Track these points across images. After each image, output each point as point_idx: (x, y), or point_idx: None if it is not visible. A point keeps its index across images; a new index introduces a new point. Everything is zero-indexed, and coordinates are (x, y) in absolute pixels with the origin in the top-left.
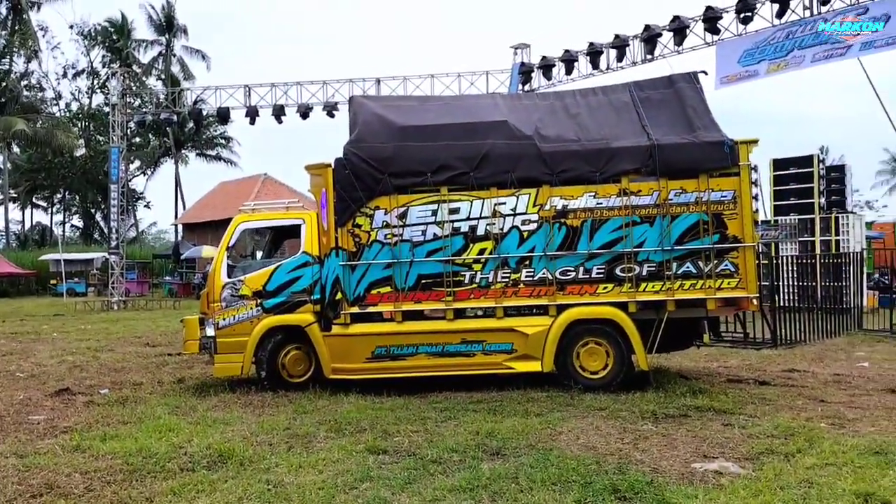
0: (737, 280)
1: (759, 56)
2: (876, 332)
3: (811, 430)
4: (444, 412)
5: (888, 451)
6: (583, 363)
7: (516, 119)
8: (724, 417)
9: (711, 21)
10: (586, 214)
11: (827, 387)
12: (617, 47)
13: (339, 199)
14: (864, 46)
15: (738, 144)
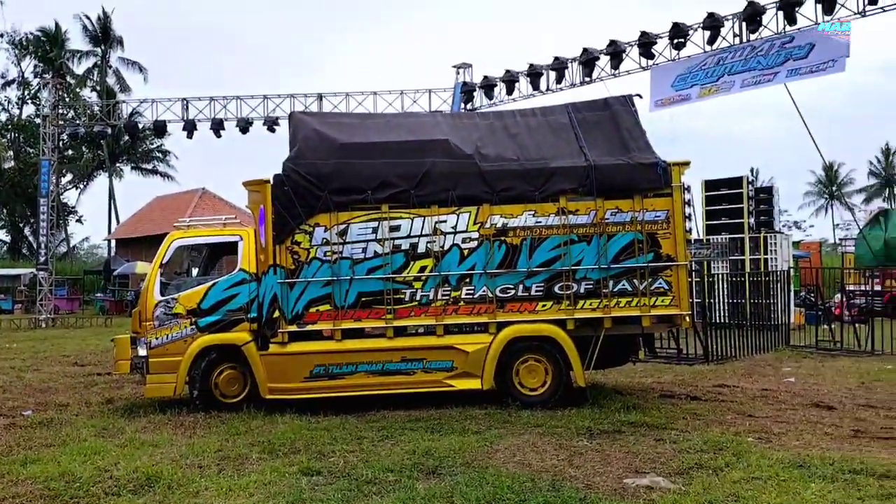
0: (670, 298)
1: (691, 80)
2: (802, 347)
3: (739, 444)
4: (382, 431)
5: (811, 465)
6: (522, 380)
7: (457, 138)
8: (657, 432)
9: (646, 46)
10: (526, 233)
11: (755, 402)
12: (556, 69)
13: (277, 215)
14: (790, 73)
15: (670, 166)
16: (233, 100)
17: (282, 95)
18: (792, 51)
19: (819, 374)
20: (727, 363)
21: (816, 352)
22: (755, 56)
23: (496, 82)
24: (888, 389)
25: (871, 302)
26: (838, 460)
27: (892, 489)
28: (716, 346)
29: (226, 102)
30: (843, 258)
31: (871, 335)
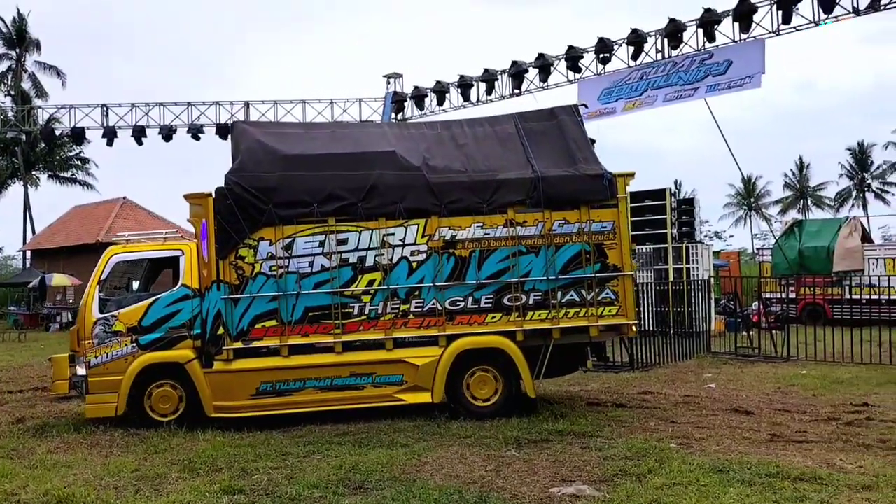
0: (617, 307)
1: (616, 94)
2: (722, 354)
3: (662, 450)
4: (308, 447)
5: (730, 469)
6: (473, 392)
7: (404, 149)
8: (583, 440)
9: (573, 60)
10: (474, 245)
11: (678, 408)
12: (486, 81)
13: (220, 230)
14: (709, 89)
15: (616, 177)
16: (155, 106)
17: (206, 102)
18: (711, 67)
19: (738, 380)
20: (652, 370)
21: (736, 358)
22: (677, 71)
23: (427, 93)
24: (802, 394)
25: (786, 309)
26: (756, 464)
27: (805, 491)
28: (641, 353)
29: (148, 109)
30: (760, 267)
31: (787, 341)
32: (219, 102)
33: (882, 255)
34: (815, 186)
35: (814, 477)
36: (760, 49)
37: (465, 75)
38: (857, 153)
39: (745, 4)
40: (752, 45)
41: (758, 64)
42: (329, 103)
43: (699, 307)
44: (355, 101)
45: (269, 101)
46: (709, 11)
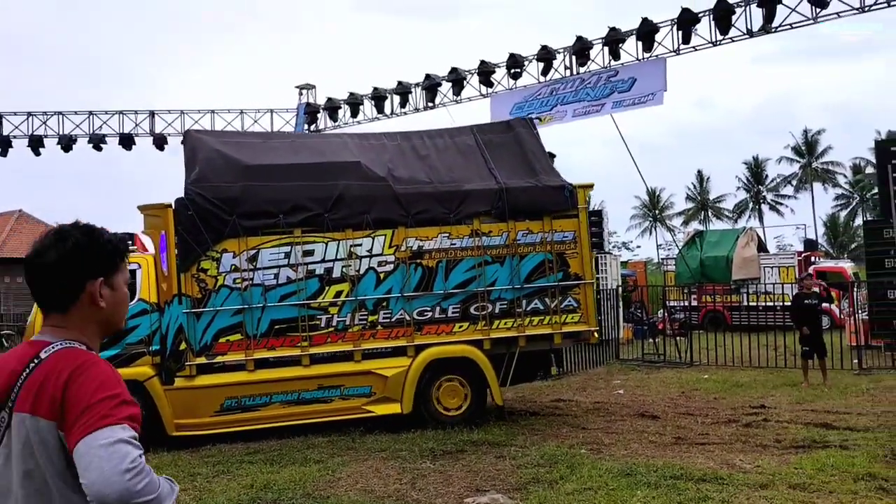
0: (579, 314)
1: (527, 109)
2: (630, 361)
3: (573, 456)
4: (217, 466)
5: (637, 473)
6: (441, 401)
7: (368, 159)
8: (497, 450)
9: (486, 74)
10: (441, 255)
11: (588, 414)
12: (400, 93)
13: (181, 242)
14: (615, 105)
15: (576, 189)
16: (53, 115)
17: (109, 112)
18: (616, 84)
19: (645, 386)
20: (563, 378)
21: (643, 364)
22: (584, 88)
23: (340, 104)
24: (704, 397)
25: (689, 316)
26: (661, 467)
27: (707, 491)
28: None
29: (46, 118)
30: (664, 276)
31: (690, 348)
32: (122, 112)
33: (776, 264)
34: (715, 199)
35: (715, 477)
36: (662, 67)
37: (378, 87)
38: (753, 167)
39: (648, 25)
40: (655, 64)
41: (660, 81)
42: (239, 113)
43: (608, 316)
44: (266, 111)
45: (175, 111)
46: (613, 30)
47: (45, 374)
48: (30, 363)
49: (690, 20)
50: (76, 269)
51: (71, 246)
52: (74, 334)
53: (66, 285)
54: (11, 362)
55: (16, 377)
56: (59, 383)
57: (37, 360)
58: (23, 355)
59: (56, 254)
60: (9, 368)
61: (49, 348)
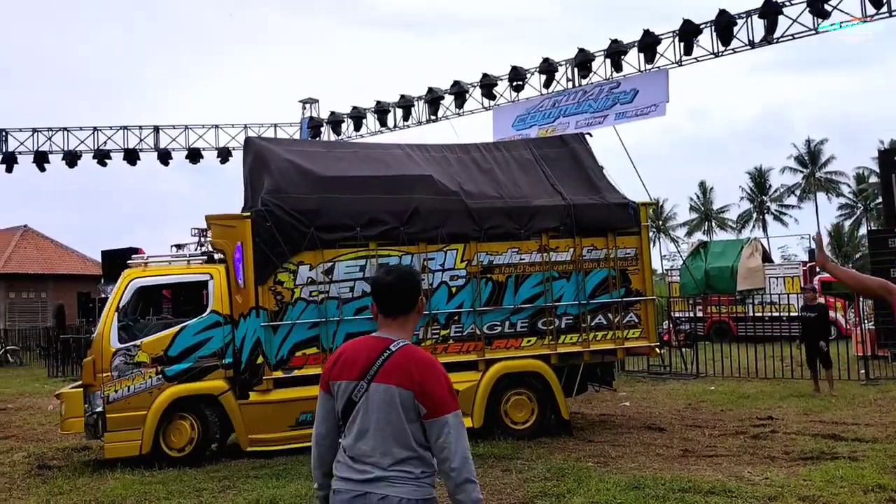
0: (640, 330)
1: (530, 121)
2: (636, 373)
3: (580, 469)
4: (223, 481)
5: (645, 486)
6: (510, 415)
7: (436, 172)
8: (504, 463)
9: (488, 87)
10: (510, 270)
11: (594, 427)
12: (403, 107)
13: (259, 253)
14: (618, 116)
15: (639, 206)
16: (59, 131)
17: (113, 127)
18: (619, 95)
19: (651, 398)
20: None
21: (648, 376)
22: (587, 99)
23: (344, 118)
24: (711, 409)
25: (694, 327)
26: (669, 480)
27: None
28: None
29: (51, 134)
30: (669, 287)
31: (696, 359)
32: (126, 127)
33: (781, 274)
34: (719, 209)
35: (724, 490)
36: (664, 79)
37: (381, 101)
38: (756, 177)
39: (650, 36)
40: (657, 75)
41: (662, 93)
42: (243, 128)
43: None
44: (270, 125)
45: (179, 126)
46: (615, 42)
47: (400, 360)
48: (384, 352)
49: (692, 31)
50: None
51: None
52: (406, 335)
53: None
54: (365, 350)
55: (372, 361)
56: (415, 369)
57: (388, 352)
58: (374, 346)
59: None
60: (364, 355)
61: (395, 344)
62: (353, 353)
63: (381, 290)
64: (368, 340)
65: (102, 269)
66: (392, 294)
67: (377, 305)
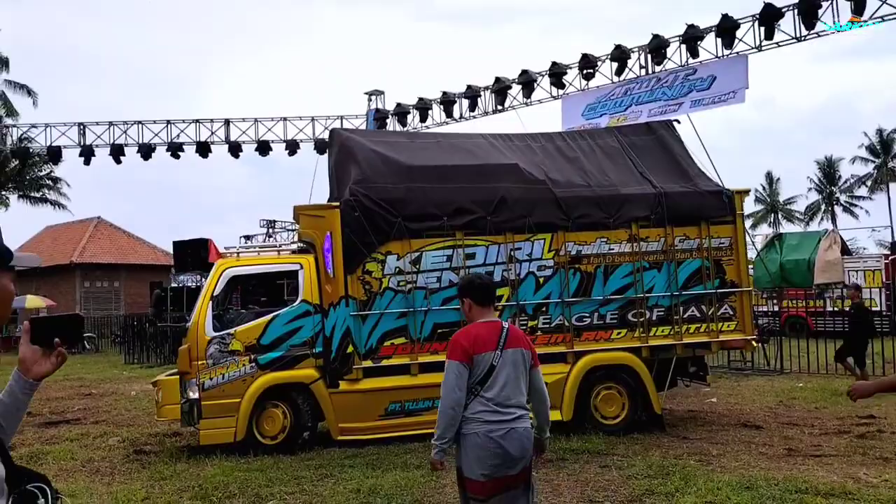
0: (735, 323)
1: (600, 110)
2: (715, 368)
3: (683, 467)
4: (320, 470)
5: (757, 486)
6: (599, 409)
7: (522, 161)
8: (600, 459)
9: (557, 76)
10: (599, 260)
11: (685, 423)
12: (469, 97)
13: (348, 243)
14: (693, 104)
15: (734, 194)
16: (134, 125)
17: (186, 121)
18: (695, 82)
19: (738, 394)
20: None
21: (729, 372)
22: (660, 87)
23: (409, 109)
24: (805, 407)
25: (772, 322)
26: (782, 480)
27: None
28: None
29: (126, 127)
30: None
31: (780, 354)
32: (198, 120)
33: (862, 267)
34: (786, 200)
35: (844, 492)
36: (744, 64)
37: (447, 92)
38: (826, 167)
39: (728, 20)
40: (736, 61)
41: (741, 79)
42: (311, 120)
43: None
44: (337, 118)
45: (249, 119)
46: (692, 27)
47: (515, 333)
48: (503, 329)
49: (773, 15)
50: None
51: None
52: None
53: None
54: (494, 330)
55: (498, 336)
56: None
57: (506, 327)
58: (496, 327)
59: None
60: (495, 333)
61: (504, 323)
62: (485, 334)
63: (484, 288)
64: (486, 325)
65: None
66: (491, 290)
67: (477, 299)
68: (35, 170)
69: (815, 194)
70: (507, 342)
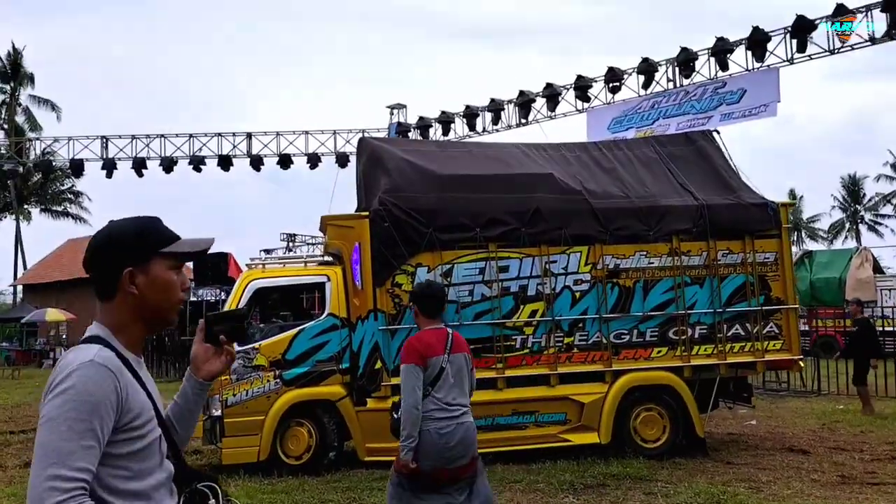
0: (781, 341)
1: (627, 123)
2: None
3: (734, 495)
4: (347, 492)
5: None
6: (639, 431)
7: (559, 172)
8: (643, 485)
9: (582, 89)
10: (638, 275)
11: (728, 447)
12: (492, 111)
13: (377, 254)
14: (723, 117)
15: (779, 207)
16: (156, 138)
17: (208, 134)
18: (725, 96)
19: (777, 417)
20: None
21: (765, 393)
22: (689, 100)
23: (432, 123)
24: (851, 430)
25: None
26: None
27: None
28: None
29: (148, 141)
30: None
31: (818, 375)
32: (220, 134)
33: (895, 286)
34: (809, 219)
35: None
36: (775, 78)
37: (470, 105)
38: (850, 185)
39: (759, 33)
40: (767, 74)
41: (773, 92)
42: (332, 134)
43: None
44: (358, 131)
45: (271, 133)
46: (721, 40)
47: (459, 339)
48: (448, 335)
49: (806, 27)
50: None
51: None
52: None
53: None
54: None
55: (445, 342)
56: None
57: (450, 334)
58: (442, 333)
59: None
60: (442, 339)
61: (449, 330)
62: (434, 340)
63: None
64: (434, 332)
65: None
66: (440, 301)
67: (427, 309)
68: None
69: (839, 212)
70: (452, 347)
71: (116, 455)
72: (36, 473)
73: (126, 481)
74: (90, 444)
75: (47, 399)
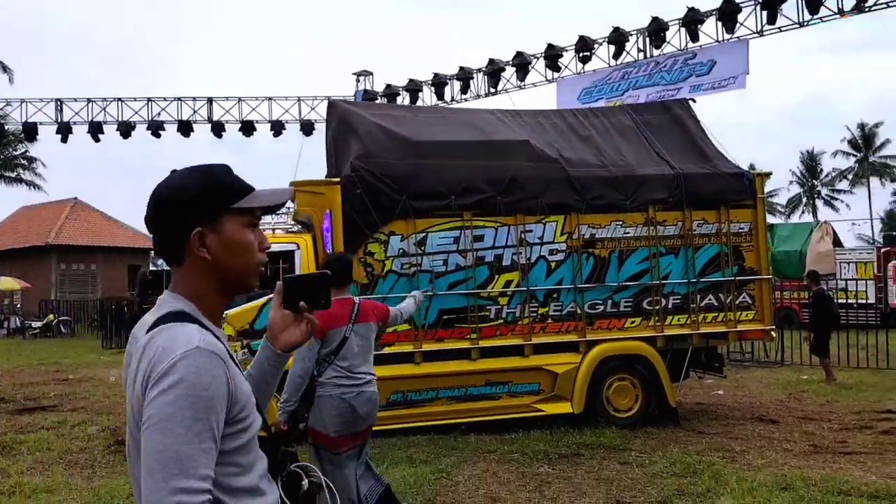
0: (754, 312)
1: (596, 94)
2: None
3: (710, 465)
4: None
5: (794, 487)
6: (611, 401)
7: (536, 139)
8: (618, 454)
9: (552, 59)
10: (613, 244)
11: (697, 417)
12: (461, 79)
13: (349, 222)
14: (693, 89)
15: (755, 176)
16: (113, 101)
17: (167, 98)
18: (694, 67)
19: (743, 387)
20: None
21: (729, 363)
22: (659, 71)
23: (399, 91)
24: (817, 400)
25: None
26: (819, 480)
27: None
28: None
29: (105, 105)
30: None
31: (781, 346)
32: (180, 98)
33: (854, 259)
34: (768, 193)
35: (889, 493)
36: (745, 49)
37: (439, 73)
38: (808, 161)
39: (730, 4)
40: (737, 46)
41: (742, 64)
42: (297, 101)
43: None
44: (324, 98)
45: (233, 98)
46: (692, 10)
47: (365, 309)
48: (355, 305)
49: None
50: None
51: None
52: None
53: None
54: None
55: (350, 312)
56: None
57: (357, 303)
58: (348, 303)
59: None
60: (347, 309)
61: (356, 299)
62: (338, 311)
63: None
64: (340, 302)
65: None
66: (347, 271)
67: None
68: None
69: (797, 187)
70: (357, 317)
71: (226, 451)
72: (157, 487)
73: (237, 478)
74: (209, 445)
75: (152, 396)
